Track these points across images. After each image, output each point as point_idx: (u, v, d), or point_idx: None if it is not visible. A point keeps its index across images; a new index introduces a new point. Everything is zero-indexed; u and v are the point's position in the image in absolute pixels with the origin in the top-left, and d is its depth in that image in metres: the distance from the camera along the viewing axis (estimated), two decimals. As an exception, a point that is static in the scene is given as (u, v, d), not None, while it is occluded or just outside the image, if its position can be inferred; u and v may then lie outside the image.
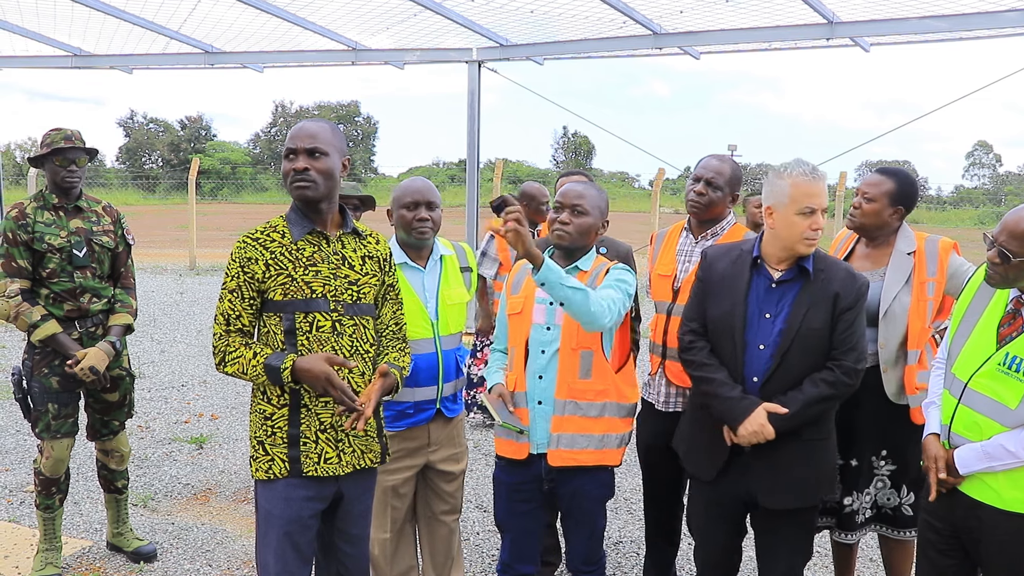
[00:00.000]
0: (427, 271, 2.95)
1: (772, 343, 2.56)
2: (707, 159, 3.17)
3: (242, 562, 3.87)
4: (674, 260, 3.21)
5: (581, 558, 2.91)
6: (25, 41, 8.98)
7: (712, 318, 2.66)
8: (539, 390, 2.76)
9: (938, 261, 2.97)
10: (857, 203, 3.05)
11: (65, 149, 3.42)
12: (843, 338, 2.53)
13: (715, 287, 2.67)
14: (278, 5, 7.30)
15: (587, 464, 2.78)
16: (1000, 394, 2.26)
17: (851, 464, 3.04)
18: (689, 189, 3.16)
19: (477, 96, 8.70)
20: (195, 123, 55.18)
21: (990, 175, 56.03)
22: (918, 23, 6.35)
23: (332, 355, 2.30)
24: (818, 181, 2.52)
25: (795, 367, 2.54)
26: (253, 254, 2.35)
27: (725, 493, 2.69)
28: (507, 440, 2.83)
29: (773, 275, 2.61)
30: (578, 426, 2.73)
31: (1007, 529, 2.28)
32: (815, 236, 2.55)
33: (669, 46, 7.45)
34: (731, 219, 3.21)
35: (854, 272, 2.62)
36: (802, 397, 2.51)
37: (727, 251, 2.72)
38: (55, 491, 3.54)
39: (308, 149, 2.34)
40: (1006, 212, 2.30)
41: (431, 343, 2.92)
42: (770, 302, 2.59)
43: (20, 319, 3.32)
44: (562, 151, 57.49)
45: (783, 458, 2.57)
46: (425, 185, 2.94)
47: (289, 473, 2.38)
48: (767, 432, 2.50)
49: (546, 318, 2.77)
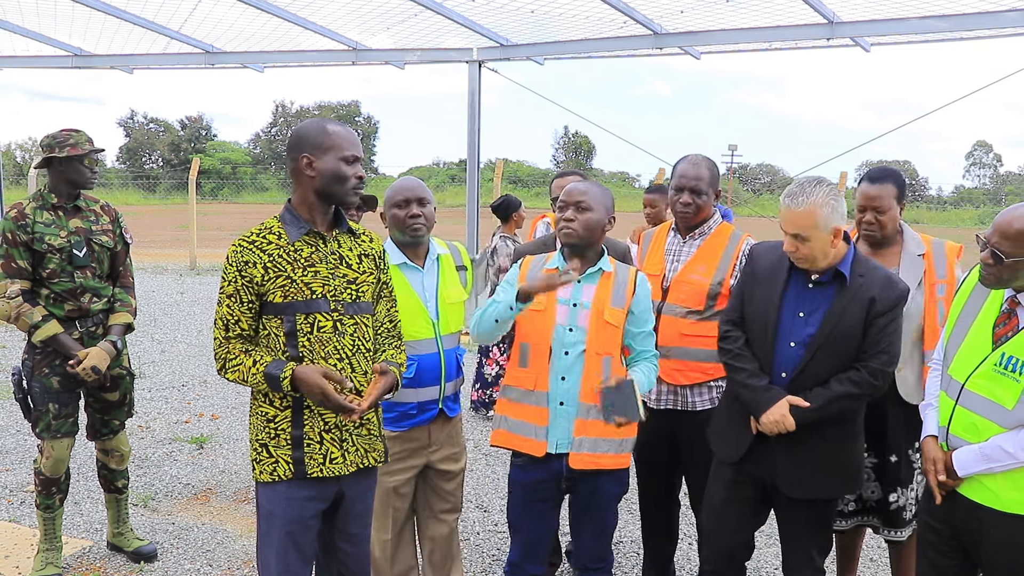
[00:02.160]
0: (425, 271, 2.96)
1: (803, 342, 2.63)
2: (683, 166, 3.18)
3: (243, 562, 3.87)
4: (662, 260, 3.23)
5: (590, 556, 2.91)
6: (25, 41, 8.99)
7: (749, 312, 2.75)
8: (562, 391, 2.75)
9: (947, 264, 3.02)
10: (871, 219, 3.02)
11: (97, 150, 3.48)
12: (874, 341, 2.59)
13: (756, 282, 2.75)
14: (278, 5, 7.30)
15: (607, 467, 2.79)
16: (997, 395, 2.26)
17: (891, 461, 3.06)
18: (674, 200, 3.17)
19: (477, 96, 8.71)
20: (195, 123, 55.23)
21: (990, 175, 56.06)
22: (918, 23, 6.35)
23: (329, 370, 2.30)
24: (786, 209, 2.58)
25: (824, 366, 2.60)
26: (250, 258, 2.34)
27: (747, 474, 2.76)
28: (525, 437, 2.81)
29: (811, 276, 2.66)
30: (600, 430, 2.73)
31: (1007, 530, 2.28)
32: (793, 256, 2.62)
33: (670, 46, 7.46)
34: (717, 218, 3.24)
35: (894, 279, 2.65)
36: (826, 393, 2.58)
37: (772, 249, 2.79)
38: (55, 491, 3.54)
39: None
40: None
41: (433, 343, 2.92)
42: (805, 302, 2.66)
43: (21, 320, 3.32)
44: (562, 151, 57.56)
45: (806, 450, 2.64)
46: (415, 182, 2.96)
47: (294, 475, 2.38)
48: (788, 423, 2.58)
49: (568, 319, 2.77)
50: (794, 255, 2.63)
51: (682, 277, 3.14)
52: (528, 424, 2.78)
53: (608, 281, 2.80)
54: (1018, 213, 2.22)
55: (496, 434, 2.90)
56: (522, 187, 33.52)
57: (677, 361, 3.11)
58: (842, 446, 2.69)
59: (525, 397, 2.79)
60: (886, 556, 4.03)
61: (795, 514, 2.76)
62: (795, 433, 2.59)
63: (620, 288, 2.80)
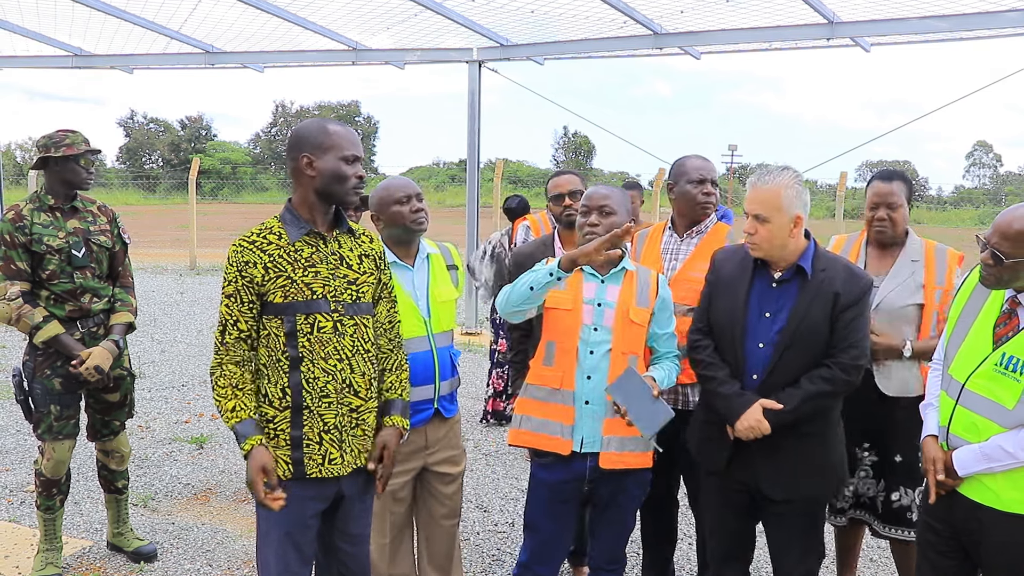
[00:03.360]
0: (416, 269, 2.95)
1: (771, 341, 2.61)
2: (694, 160, 3.20)
3: (242, 562, 3.87)
4: (659, 258, 3.23)
5: (606, 556, 2.92)
6: (25, 41, 9.00)
7: (715, 318, 2.73)
8: (587, 390, 2.75)
9: (947, 270, 3.02)
10: (884, 215, 3.04)
11: (93, 151, 3.47)
12: (842, 335, 2.57)
13: (720, 288, 2.74)
14: (278, 5, 7.31)
15: (634, 467, 2.80)
16: (997, 395, 2.26)
17: (895, 460, 3.06)
18: (696, 192, 3.16)
19: (477, 96, 8.71)
20: (195, 123, 55.23)
21: (990, 175, 56.06)
22: (918, 23, 6.36)
23: (270, 466, 2.30)
24: (751, 187, 2.60)
25: (794, 365, 2.59)
26: (251, 258, 2.34)
27: (734, 481, 2.75)
28: (550, 436, 2.79)
29: (774, 275, 2.65)
30: (628, 430, 2.73)
31: (1007, 530, 2.28)
32: (749, 240, 2.63)
33: (669, 46, 7.46)
34: (714, 217, 3.25)
35: (856, 271, 2.65)
36: (798, 393, 2.56)
37: (734, 253, 2.78)
38: (56, 492, 3.54)
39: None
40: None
41: (425, 341, 2.91)
42: (770, 301, 2.64)
43: (22, 321, 3.32)
44: (562, 151, 57.55)
45: (784, 451, 2.62)
46: (407, 180, 2.99)
47: (293, 475, 2.38)
48: (763, 427, 2.56)
49: (594, 319, 2.77)
50: (751, 240, 2.60)
51: (682, 275, 3.14)
52: (554, 423, 2.78)
53: (632, 281, 2.82)
54: (1018, 214, 2.22)
55: (516, 433, 2.88)
56: (522, 187, 33.52)
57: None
58: (820, 443, 2.67)
59: (551, 396, 2.78)
60: (886, 556, 4.03)
61: (783, 519, 2.73)
62: (772, 436, 2.57)
63: (644, 288, 2.82)
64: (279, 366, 2.36)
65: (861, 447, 3.11)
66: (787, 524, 2.73)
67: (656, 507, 3.43)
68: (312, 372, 2.36)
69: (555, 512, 2.86)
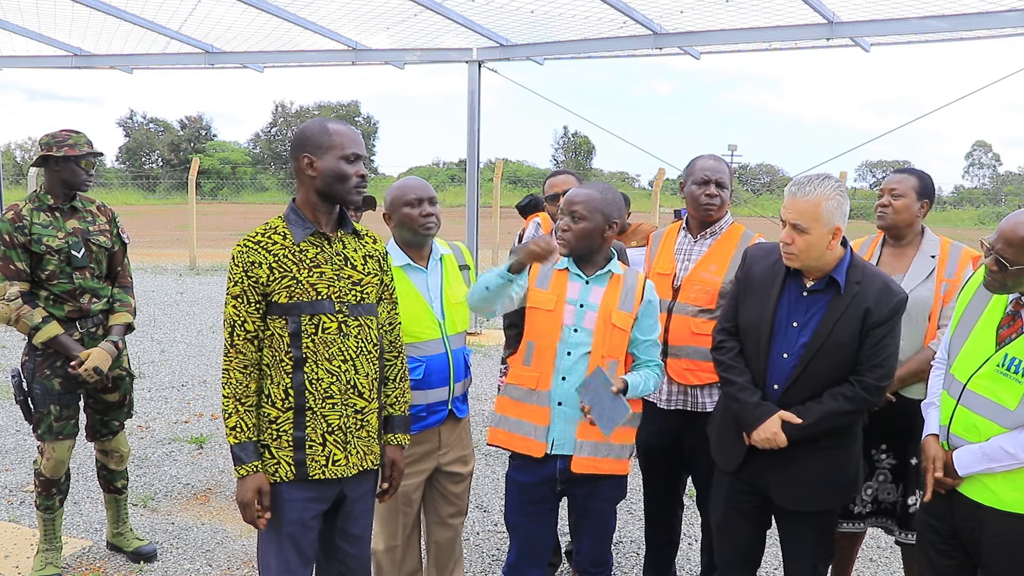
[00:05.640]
0: (429, 271, 2.94)
1: (796, 353, 2.55)
2: (705, 160, 3.19)
3: (242, 562, 3.87)
4: (673, 259, 3.22)
5: (590, 559, 2.90)
6: (25, 41, 8.98)
7: (743, 321, 2.68)
8: (561, 391, 2.74)
9: (958, 265, 3.02)
10: (886, 202, 3.08)
11: (95, 153, 3.47)
12: (870, 354, 2.51)
13: (751, 289, 2.68)
14: (278, 5, 7.29)
15: (606, 472, 2.78)
16: (999, 395, 2.26)
17: (911, 463, 3.05)
18: (699, 193, 3.15)
19: (477, 96, 8.70)
20: (195, 123, 55.21)
21: (990, 175, 56.06)
22: (918, 23, 6.35)
23: (266, 491, 2.33)
24: (791, 197, 2.52)
25: (817, 379, 2.54)
26: (256, 258, 2.33)
27: (745, 483, 2.72)
28: (524, 438, 2.79)
29: (806, 283, 2.60)
30: (602, 435, 2.71)
31: (1007, 530, 2.28)
32: (785, 249, 2.55)
33: (669, 46, 7.45)
34: (729, 218, 3.24)
35: (892, 287, 2.56)
36: (819, 409, 2.52)
37: (767, 253, 2.72)
38: (55, 492, 3.54)
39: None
40: (1006, 212, 2.30)
41: (440, 343, 2.90)
42: (799, 311, 2.58)
43: (22, 322, 3.32)
44: (562, 151, 57.52)
45: (799, 464, 2.59)
46: (422, 181, 2.95)
47: (295, 477, 2.37)
48: (779, 440, 2.53)
49: (575, 320, 2.75)
50: (787, 249, 2.53)
51: (694, 276, 3.14)
52: (528, 424, 2.77)
53: (617, 284, 2.78)
54: (1022, 219, 2.22)
55: (494, 432, 2.87)
56: (522, 187, 33.52)
57: (688, 361, 3.11)
58: (836, 459, 2.63)
59: (527, 396, 2.78)
60: (886, 556, 4.03)
61: (795, 525, 2.71)
62: (788, 447, 2.54)
63: (629, 291, 2.78)
64: (282, 367, 2.35)
65: (879, 449, 3.08)
66: (800, 532, 2.70)
67: (662, 507, 3.44)
68: (316, 373, 2.36)
69: (529, 512, 2.86)
